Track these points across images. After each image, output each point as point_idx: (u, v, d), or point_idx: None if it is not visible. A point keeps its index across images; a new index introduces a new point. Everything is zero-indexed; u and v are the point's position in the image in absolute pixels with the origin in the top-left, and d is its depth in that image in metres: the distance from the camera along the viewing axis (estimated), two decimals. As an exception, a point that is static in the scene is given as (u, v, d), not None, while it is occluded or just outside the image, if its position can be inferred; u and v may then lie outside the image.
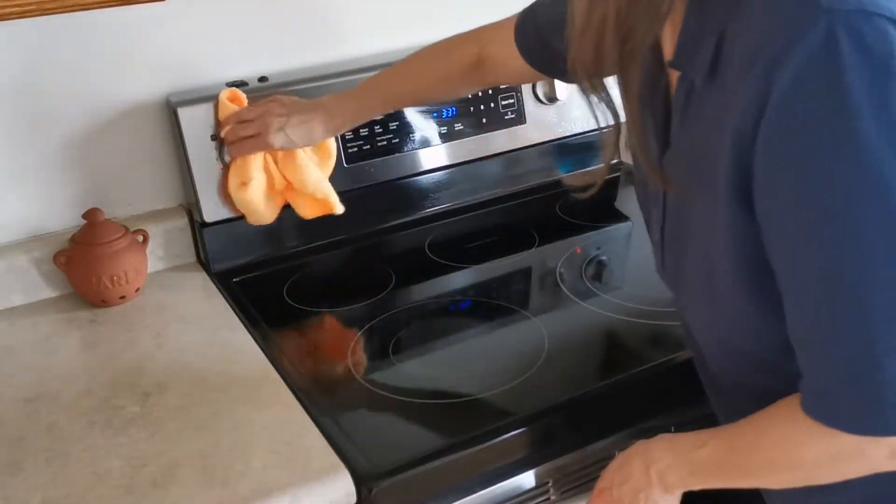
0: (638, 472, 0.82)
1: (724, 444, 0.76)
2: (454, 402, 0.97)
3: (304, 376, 1.03)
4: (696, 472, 0.78)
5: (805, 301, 0.64)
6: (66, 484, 0.87)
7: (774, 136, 0.60)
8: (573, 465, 0.96)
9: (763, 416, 0.72)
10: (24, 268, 1.22)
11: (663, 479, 0.80)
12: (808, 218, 0.61)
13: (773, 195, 0.62)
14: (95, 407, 0.99)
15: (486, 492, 0.92)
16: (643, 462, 0.82)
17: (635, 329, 1.09)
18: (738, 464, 0.75)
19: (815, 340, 0.65)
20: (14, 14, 0.94)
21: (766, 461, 0.72)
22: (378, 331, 1.13)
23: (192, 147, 1.23)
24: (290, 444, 0.90)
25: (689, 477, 0.78)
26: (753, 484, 0.76)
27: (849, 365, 0.63)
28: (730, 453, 0.76)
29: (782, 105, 0.59)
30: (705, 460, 0.77)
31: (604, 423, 0.98)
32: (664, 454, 0.80)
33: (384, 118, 1.33)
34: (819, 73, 0.57)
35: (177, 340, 1.12)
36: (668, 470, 0.79)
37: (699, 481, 0.78)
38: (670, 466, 0.79)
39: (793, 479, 0.72)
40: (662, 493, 0.80)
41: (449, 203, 1.44)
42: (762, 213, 0.64)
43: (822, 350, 0.64)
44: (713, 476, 0.77)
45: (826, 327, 0.63)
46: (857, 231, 0.59)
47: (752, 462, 0.74)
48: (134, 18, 1.21)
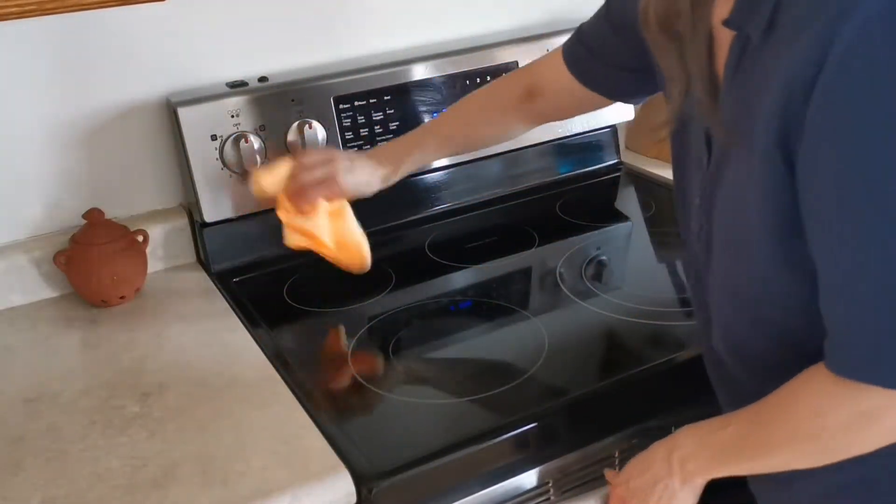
0: (659, 461, 0.82)
1: (747, 422, 0.76)
2: (454, 402, 0.97)
3: (303, 376, 1.03)
4: (719, 456, 0.78)
5: (843, 251, 0.64)
6: (66, 484, 0.87)
7: (834, 86, 0.61)
8: (573, 465, 0.96)
9: (786, 389, 0.72)
10: (24, 268, 1.22)
11: (684, 466, 0.80)
12: (859, 167, 0.61)
13: (822, 145, 0.63)
14: (95, 407, 0.99)
15: (486, 492, 0.92)
16: (666, 450, 0.82)
17: (635, 329, 1.09)
18: (763, 441, 0.75)
19: (851, 292, 0.65)
20: (14, 14, 0.94)
21: (790, 433, 0.72)
22: (378, 331, 1.13)
23: (192, 147, 1.23)
24: (290, 444, 0.90)
25: (711, 461, 0.78)
26: (776, 463, 0.76)
27: (886, 315, 0.63)
28: (754, 429, 0.76)
29: (846, 56, 0.59)
30: (728, 441, 0.77)
31: (604, 423, 0.98)
32: (687, 440, 0.81)
33: (383, 118, 1.33)
34: (886, 27, 0.58)
35: (177, 340, 1.12)
36: (690, 456, 0.80)
37: (720, 465, 0.78)
38: (692, 453, 0.80)
39: (818, 452, 0.72)
40: (682, 483, 0.81)
41: (449, 203, 1.44)
42: (807, 163, 0.65)
43: (858, 302, 0.64)
44: (735, 457, 0.77)
45: (864, 277, 0.63)
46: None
47: (776, 436, 0.73)
48: (134, 18, 1.21)
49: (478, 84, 1.39)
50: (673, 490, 0.81)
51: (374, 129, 1.33)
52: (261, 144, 1.26)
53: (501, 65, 1.41)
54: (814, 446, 0.71)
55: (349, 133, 1.32)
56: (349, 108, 1.31)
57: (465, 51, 1.39)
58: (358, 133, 1.32)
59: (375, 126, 1.33)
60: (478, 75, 1.39)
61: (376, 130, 1.34)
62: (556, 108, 1.11)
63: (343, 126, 1.31)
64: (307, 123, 1.28)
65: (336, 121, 1.31)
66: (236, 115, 1.24)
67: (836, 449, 0.70)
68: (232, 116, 1.24)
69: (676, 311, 1.12)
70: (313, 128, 1.28)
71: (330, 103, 1.30)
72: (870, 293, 0.63)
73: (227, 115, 1.24)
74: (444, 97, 1.38)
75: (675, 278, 1.24)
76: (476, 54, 1.40)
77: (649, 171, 1.55)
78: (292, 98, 1.28)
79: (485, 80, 1.40)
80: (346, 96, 1.31)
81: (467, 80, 1.39)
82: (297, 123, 1.27)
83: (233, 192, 1.26)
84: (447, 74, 1.37)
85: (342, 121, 1.31)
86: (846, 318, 0.66)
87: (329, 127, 1.30)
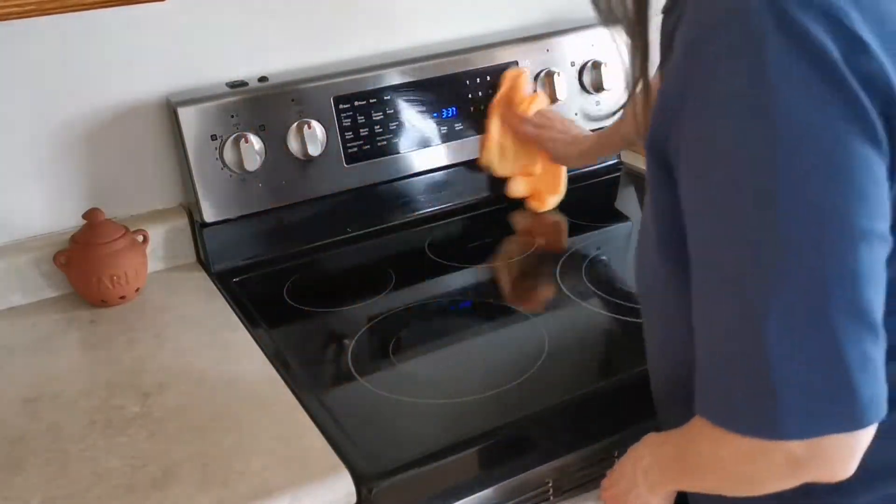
0: (628, 472, 0.82)
1: (674, 445, 0.75)
2: (454, 402, 0.97)
3: (304, 376, 1.03)
4: (667, 471, 0.77)
5: (703, 288, 0.64)
6: (66, 484, 0.87)
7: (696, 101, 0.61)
8: (573, 465, 0.96)
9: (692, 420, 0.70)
10: (24, 268, 1.22)
11: (647, 477, 0.79)
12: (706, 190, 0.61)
13: (685, 161, 0.63)
14: (95, 407, 0.99)
15: (486, 492, 0.92)
16: (631, 461, 0.82)
17: (635, 329, 1.08)
18: (688, 465, 0.74)
19: (708, 332, 0.64)
20: (14, 14, 0.94)
21: (699, 462, 0.71)
22: (378, 331, 1.13)
23: (192, 147, 1.23)
24: (290, 444, 0.90)
25: (664, 474, 0.77)
26: (707, 486, 0.74)
27: (740, 362, 0.61)
28: (680, 452, 0.74)
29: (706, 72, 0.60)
30: (669, 458, 0.76)
31: (604, 423, 0.98)
32: (644, 451, 0.80)
33: (383, 118, 1.33)
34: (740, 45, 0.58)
35: (177, 340, 1.12)
36: (649, 468, 0.79)
37: (672, 481, 0.77)
38: (651, 464, 0.79)
39: (727, 482, 0.70)
40: (648, 493, 0.80)
41: (449, 203, 1.44)
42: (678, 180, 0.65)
43: (715, 344, 0.63)
44: (679, 475, 0.76)
45: (717, 317, 0.62)
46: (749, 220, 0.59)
47: (691, 462, 0.72)
48: (134, 18, 1.21)
49: (478, 84, 1.39)
50: (645, 499, 0.80)
51: (374, 129, 1.33)
52: (261, 144, 1.26)
53: (501, 65, 1.41)
54: (721, 476, 0.69)
55: (349, 133, 1.32)
56: (349, 108, 1.31)
57: (465, 51, 1.39)
58: (358, 133, 1.32)
59: (375, 126, 1.33)
60: (478, 75, 1.39)
61: (376, 130, 1.33)
62: None
63: (343, 126, 1.31)
64: (307, 123, 1.28)
65: (336, 121, 1.31)
66: (236, 115, 1.24)
67: (743, 480, 0.67)
68: (232, 116, 1.24)
69: (676, 311, 1.12)
70: (313, 128, 1.28)
71: (330, 103, 1.30)
72: (725, 340, 0.62)
73: (227, 115, 1.24)
74: (444, 97, 1.38)
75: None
76: (476, 54, 1.40)
77: (649, 171, 1.55)
78: (292, 98, 1.28)
79: (485, 80, 1.40)
80: (346, 96, 1.31)
81: (467, 80, 1.39)
82: (297, 123, 1.27)
83: (233, 192, 1.26)
84: (447, 74, 1.37)
85: (342, 121, 1.31)
86: (707, 363, 0.65)
87: (329, 127, 1.30)
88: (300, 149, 1.28)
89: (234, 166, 1.25)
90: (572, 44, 1.45)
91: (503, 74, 1.39)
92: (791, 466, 0.62)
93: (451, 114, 1.38)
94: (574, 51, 1.46)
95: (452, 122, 1.38)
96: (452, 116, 1.38)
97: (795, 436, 0.60)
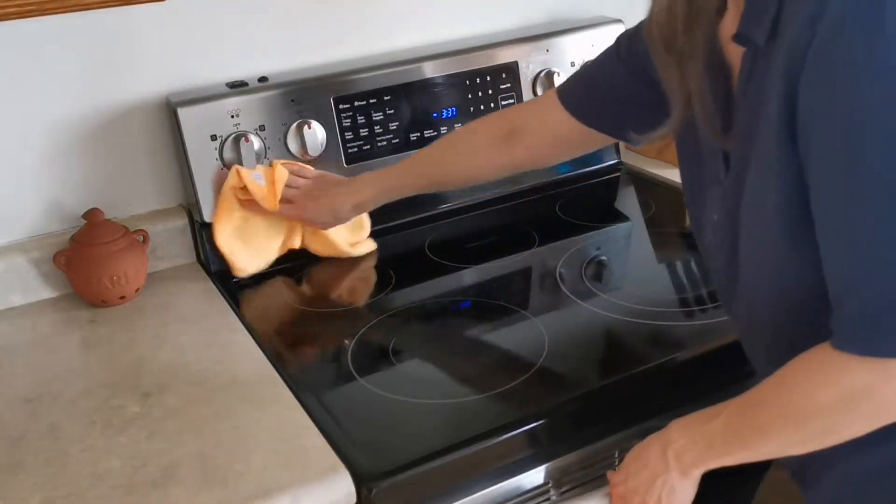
0: (655, 458, 0.83)
1: (738, 408, 0.77)
2: (454, 402, 0.97)
3: (304, 376, 1.03)
4: (713, 445, 0.78)
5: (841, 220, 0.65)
6: (66, 484, 0.87)
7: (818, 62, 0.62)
8: (573, 465, 0.96)
9: (780, 372, 0.73)
10: (24, 268, 1.22)
11: (680, 459, 0.80)
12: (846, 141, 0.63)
13: (812, 121, 0.64)
14: (95, 407, 0.99)
15: (486, 492, 0.92)
16: (660, 446, 0.83)
17: (635, 329, 1.09)
18: (755, 425, 0.75)
19: (849, 265, 0.66)
20: (14, 14, 0.94)
21: (782, 414, 0.72)
22: (378, 330, 1.13)
23: (192, 147, 1.23)
24: (290, 444, 0.90)
25: (707, 451, 0.79)
26: (769, 449, 0.76)
27: (882, 287, 0.63)
28: (746, 413, 0.76)
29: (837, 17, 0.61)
30: (721, 428, 0.77)
31: (604, 423, 0.98)
32: (680, 433, 0.81)
33: (383, 118, 1.33)
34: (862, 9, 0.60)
35: (177, 340, 1.12)
36: (685, 449, 0.80)
37: (716, 455, 0.79)
38: (686, 445, 0.80)
39: (809, 433, 0.72)
40: (680, 477, 0.81)
41: (449, 203, 1.44)
42: (803, 144, 0.66)
43: (856, 274, 0.65)
44: (728, 445, 0.77)
45: (859, 248, 0.64)
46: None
47: (767, 419, 0.74)
48: (134, 18, 1.21)
49: (478, 84, 1.40)
50: (672, 485, 0.82)
51: (374, 129, 1.33)
52: (261, 144, 1.26)
53: (501, 65, 1.41)
54: (805, 427, 0.71)
55: (349, 133, 1.32)
56: (349, 108, 1.31)
57: (465, 51, 1.39)
58: (358, 133, 1.32)
59: (375, 126, 1.33)
60: (478, 75, 1.39)
61: (376, 130, 1.34)
62: (537, 150, 1.11)
63: (343, 126, 1.31)
64: (307, 123, 1.28)
65: (336, 121, 1.31)
66: (236, 115, 1.24)
67: (827, 430, 0.70)
68: (232, 116, 1.24)
69: (676, 311, 1.12)
70: (313, 128, 1.28)
71: (330, 103, 1.30)
72: (866, 265, 0.64)
73: (227, 115, 1.24)
74: (444, 97, 1.38)
75: (675, 278, 1.24)
76: (476, 54, 1.40)
77: (649, 171, 1.55)
78: (292, 98, 1.28)
79: (485, 80, 1.40)
80: (346, 96, 1.31)
81: (467, 80, 1.39)
82: (296, 123, 1.28)
83: (233, 192, 1.26)
84: (447, 74, 1.37)
85: (342, 121, 1.31)
86: (845, 290, 0.66)
87: (329, 127, 1.30)
88: (300, 149, 1.28)
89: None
90: (572, 44, 1.46)
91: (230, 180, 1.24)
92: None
93: (451, 114, 1.38)
94: (574, 51, 1.46)
95: (452, 122, 1.38)
96: (452, 116, 1.38)
97: None
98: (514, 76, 1.42)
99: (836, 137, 0.63)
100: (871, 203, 0.63)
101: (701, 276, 1.20)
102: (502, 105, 1.42)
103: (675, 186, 1.48)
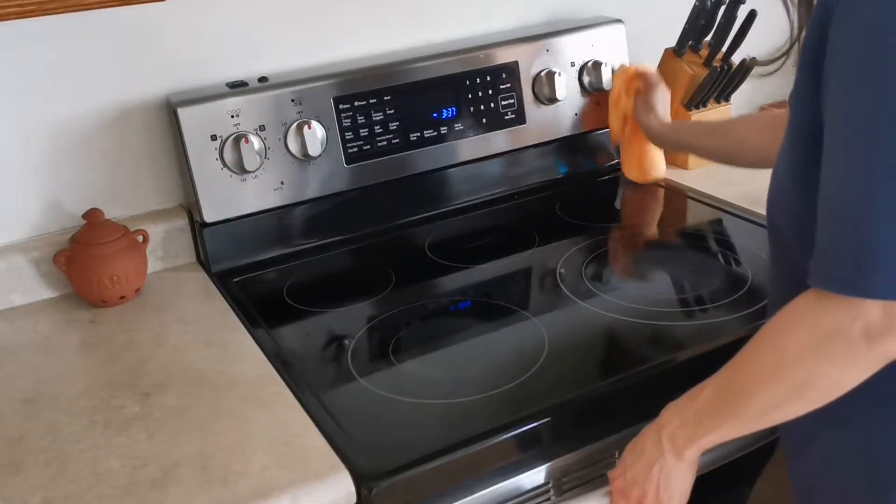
0: (651, 444, 0.84)
1: (721, 375, 0.78)
2: (454, 402, 0.97)
3: (303, 376, 1.03)
4: (702, 420, 0.79)
5: (831, 161, 0.67)
6: (66, 484, 0.87)
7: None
8: (573, 465, 0.96)
9: (759, 330, 0.74)
10: (24, 268, 1.22)
11: (674, 442, 0.81)
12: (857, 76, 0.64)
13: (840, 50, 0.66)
14: (95, 407, 0.99)
15: (486, 492, 0.92)
16: (655, 432, 0.84)
17: (635, 329, 1.09)
18: (736, 390, 0.76)
19: (829, 198, 0.67)
20: (14, 14, 0.94)
21: (757, 371, 0.73)
22: (378, 331, 1.13)
23: (192, 147, 1.23)
24: (290, 444, 0.90)
25: (697, 428, 0.79)
26: (753, 409, 0.76)
27: (850, 218, 0.65)
28: (727, 377, 0.77)
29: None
30: (707, 401, 0.79)
31: (604, 423, 0.98)
32: (672, 415, 0.83)
33: (383, 118, 1.33)
34: None
35: (177, 340, 1.12)
36: (677, 430, 0.81)
37: (706, 431, 0.79)
38: (679, 426, 0.81)
39: (786, 387, 0.72)
40: (676, 461, 0.82)
41: (449, 203, 1.44)
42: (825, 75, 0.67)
43: (832, 208, 0.67)
44: (716, 417, 0.78)
45: (839, 185, 0.66)
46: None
47: (747, 380, 0.75)
48: (134, 18, 1.21)
49: (478, 84, 1.39)
50: (668, 469, 0.82)
51: (374, 129, 1.33)
52: (261, 144, 1.26)
53: (501, 65, 1.41)
54: (782, 379, 0.72)
55: (349, 133, 1.32)
56: (349, 108, 1.31)
57: (465, 51, 1.39)
58: (358, 133, 1.32)
59: (375, 126, 1.33)
60: (478, 75, 1.39)
61: (376, 130, 1.34)
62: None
63: (343, 126, 1.31)
64: (307, 123, 1.28)
65: (336, 121, 1.31)
66: (236, 115, 1.24)
67: (804, 382, 0.71)
68: (232, 116, 1.24)
69: (676, 311, 1.12)
70: (313, 128, 1.28)
71: (330, 103, 1.30)
72: (852, 197, 0.65)
73: (227, 115, 1.24)
74: (444, 97, 1.38)
75: (676, 278, 1.24)
76: (476, 54, 1.40)
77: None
78: (292, 98, 1.28)
79: (485, 80, 1.40)
80: (346, 96, 1.31)
81: (467, 80, 1.39)
82: (296, 123, 1.27)
83: (233, 192, 1.26)
84: (447, 74, 1.37)
85: (342, 121, 1.31)
86: (822, 227, 0.68)
87: (329, 127, 1.30)
88: (300, 149, 1.28)
89: (234, 166, 1.25)
90: (572, 44, 1.46)
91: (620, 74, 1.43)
92: (867, 339, 0.66)
93: (451, 114, 1.38)
94: (574, 51, 1.46)
95: (452, 122, 1.38)
96: (452, 116, 1.38)
97: (884, 294, 0.64)
98: (514, 76, 1.42)
99: (856, 72, 0.64)
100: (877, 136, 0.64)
101: (701, 277, 1.20)
102: (502, 105, 1.42)
103: (675, 186, 1.48)
